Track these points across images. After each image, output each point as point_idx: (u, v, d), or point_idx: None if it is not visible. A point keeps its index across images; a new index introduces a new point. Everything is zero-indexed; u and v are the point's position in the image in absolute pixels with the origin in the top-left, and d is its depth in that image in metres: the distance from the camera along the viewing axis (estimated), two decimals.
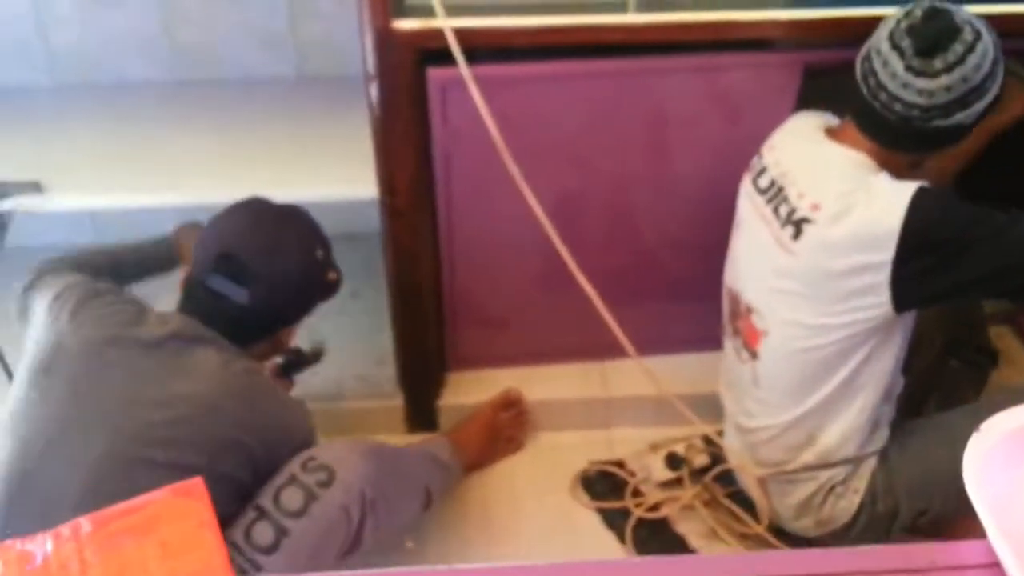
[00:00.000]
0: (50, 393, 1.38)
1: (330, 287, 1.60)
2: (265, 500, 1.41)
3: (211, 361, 1.43)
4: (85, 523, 0.72)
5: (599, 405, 1.99)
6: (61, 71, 2.07)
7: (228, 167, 1.77)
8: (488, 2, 1.55)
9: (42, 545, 0.71)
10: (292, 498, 1.41)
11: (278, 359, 1.78)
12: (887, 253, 1.36)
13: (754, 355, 1.59)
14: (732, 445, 1.75)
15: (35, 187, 1.71)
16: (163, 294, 1.63)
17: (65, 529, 0.72)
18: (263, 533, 1.39)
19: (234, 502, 1.41)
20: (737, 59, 1.64)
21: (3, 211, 1.69)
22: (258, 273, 1.48)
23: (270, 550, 1.38)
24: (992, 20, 1.38)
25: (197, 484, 0.75)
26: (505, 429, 1.94)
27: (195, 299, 1.50)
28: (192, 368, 1.41)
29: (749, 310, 1.58)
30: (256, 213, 1.55)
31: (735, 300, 1.63)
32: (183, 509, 0.74)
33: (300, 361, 1.83)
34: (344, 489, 1.43)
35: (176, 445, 1.35)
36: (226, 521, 1.37)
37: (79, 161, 1.83)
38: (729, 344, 1.69)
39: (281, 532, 1.39)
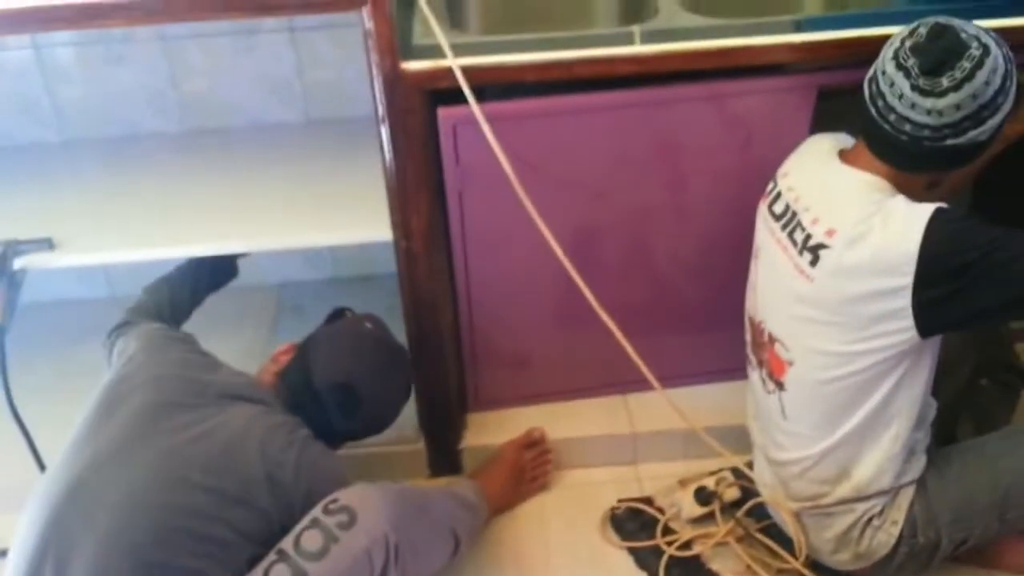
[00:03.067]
0: (112, 420, 1.44)
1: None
2: (286, 543, 1.40)
3: (267, 415, 1.50)
4: None
5: (625, 440, 1.96)
6: (69, 126, 2.08)
7: (241, 216, 1.76)
8: (495, 40, 1.55)
9: None
10: (312, 540, 1.39)
11: None
12: (906, 278, 1.33)
13: (780, 386, 1.56)
14: (763, 478, 1.71)
15: (47, 244, 1.70)
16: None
17: None
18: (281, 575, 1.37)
19: (267, 543, 1.40)
20: (749, 85, 1.62)
21: (17, 269, 1.68)
22: (366, 414, 1.61)
23: None
24: (1005, 33, 1.36)
25: None
26: (529, 469, 1.91)
27: (294, 389, 1.59)
28: (248, 413, 1.48)
29: (772, 340, 1.55)
30: (389, 358, 1.67)
31: (758, 330, 1.60)
32: None
33: None
34: (366, 531, 1.40)
35: (214, 471, 1.39)
36: (252, 564, 1.38)
37: (90, 215, 1.81)
38: (754, 375, 1.66)
39: (299, 574, 1.36)
